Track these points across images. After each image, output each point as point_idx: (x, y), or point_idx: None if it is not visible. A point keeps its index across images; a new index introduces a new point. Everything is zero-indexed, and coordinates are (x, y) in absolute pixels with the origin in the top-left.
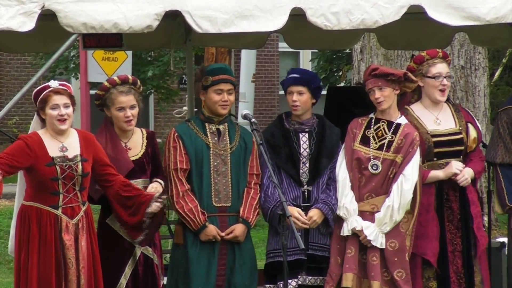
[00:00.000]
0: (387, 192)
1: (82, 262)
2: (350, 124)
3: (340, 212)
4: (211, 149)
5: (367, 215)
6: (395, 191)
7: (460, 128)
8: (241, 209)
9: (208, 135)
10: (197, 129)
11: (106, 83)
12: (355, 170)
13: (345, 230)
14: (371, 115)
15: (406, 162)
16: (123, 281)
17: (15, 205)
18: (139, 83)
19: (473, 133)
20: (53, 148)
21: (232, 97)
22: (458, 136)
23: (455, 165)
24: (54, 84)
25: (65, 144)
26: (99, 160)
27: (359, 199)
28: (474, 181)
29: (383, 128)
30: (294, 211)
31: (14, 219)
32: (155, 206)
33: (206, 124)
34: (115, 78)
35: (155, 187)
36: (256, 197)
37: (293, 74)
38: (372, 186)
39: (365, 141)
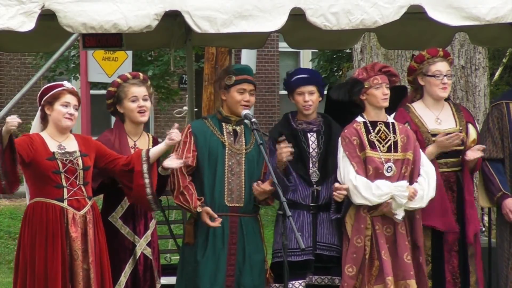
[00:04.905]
0: None
1: (91, 256)
2: (345, 132)
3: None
4: (227, 148)
5: (388, 216)
6: (422, 182)
7: (461, 128)
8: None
9: (225, 134)
10: (213, 127)
11: (118, 80)
12: (371, 177)
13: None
14: (360, 119)
15: (419, 156)
16: (123, 279)
17: None
18: (149, 82)
19: (473, 133)
20: (52, 145)
21: (253, 99)
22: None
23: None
24: (68, 84)
25: (63, 144)
26: (102, 151)
27: None
28: (472, 172)
29: (384, 130)
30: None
31: None
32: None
33: (223, 124)
34: (127, 74)
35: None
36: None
37: (300, 74)
38: None
39: (372, 146)
